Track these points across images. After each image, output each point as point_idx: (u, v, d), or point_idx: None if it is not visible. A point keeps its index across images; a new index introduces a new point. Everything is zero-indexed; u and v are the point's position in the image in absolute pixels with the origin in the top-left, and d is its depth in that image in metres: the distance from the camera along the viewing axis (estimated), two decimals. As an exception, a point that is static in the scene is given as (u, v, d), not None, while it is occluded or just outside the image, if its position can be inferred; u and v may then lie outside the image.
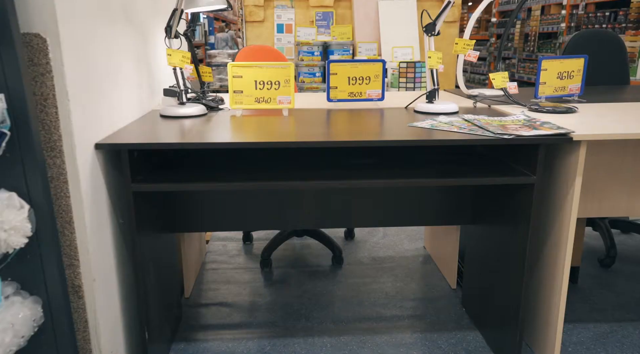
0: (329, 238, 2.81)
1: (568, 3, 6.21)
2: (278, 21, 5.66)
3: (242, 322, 2.20)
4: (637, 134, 1.59)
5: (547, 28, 6.68)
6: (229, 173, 1.68)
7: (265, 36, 5.61)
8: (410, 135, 1.57)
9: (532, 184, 1.60)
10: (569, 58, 2.21)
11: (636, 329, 2.10)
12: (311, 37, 5.34)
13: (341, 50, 5.29)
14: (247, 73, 1.96)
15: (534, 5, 7.19)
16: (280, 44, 5.60)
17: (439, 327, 2.15)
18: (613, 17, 5.29)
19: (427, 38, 1.99)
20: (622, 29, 5.12)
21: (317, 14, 5.49)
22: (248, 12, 5.63)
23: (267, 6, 5.58)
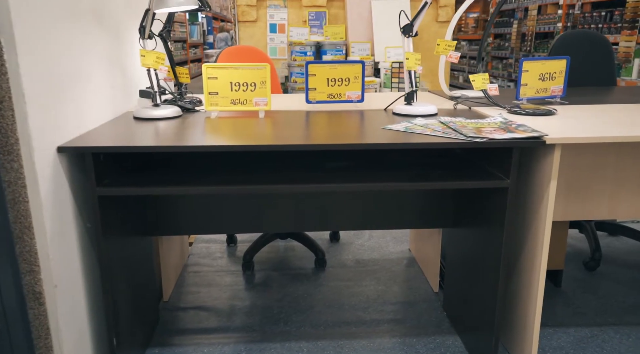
0: (311, 241, 2.78)
1: (564, 3, 6.19)
2: (271, 21, 5.63)
3: (220, 326, 2.17)
4: (610, 137, 1.56)
5: (543, 28, 6.66)
6: (203, 176, 1.66)
7: (258, 36, 5.58)
8: (381, 139, 1.55)
9: (505, 188, 1.58)
10: (550, 59, 2.19)
11: (617, 333, 2.08)
12: (304, 37, 5.31)
13: (334, 50, 5.26)
14: (222, 75, 1.94)
15: (531, 5, 7.17)
16: (273, 43, 5.57)
17: (418, 331, 2.13)
18: (609, 17, 5.27)
19: (405, 39, 1.96)
20: (617, 29, 5.10)
21: (310, 14, 5.47)
22: (240, 12, 5.60)
23: (260, 6, 5.55)
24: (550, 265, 2.44)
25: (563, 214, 2.20)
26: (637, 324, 2.14)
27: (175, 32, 9.52)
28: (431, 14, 5.19)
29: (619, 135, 1.56)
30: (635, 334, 2.06)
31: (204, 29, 12.89)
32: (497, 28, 8.55)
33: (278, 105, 2.24)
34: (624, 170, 2.14)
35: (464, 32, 11.35)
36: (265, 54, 3.02)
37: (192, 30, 11.58)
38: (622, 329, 2.11)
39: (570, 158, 2.13)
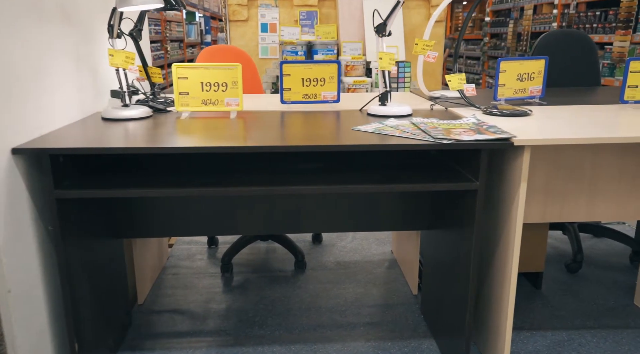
0: (291, 243, 2.75)
1: (559, 2, 6.18)
2: (262, 20, 5.60)
3: (193, 330, 2.14)
4: (580, 139, 1.54)
5: (539, 27, 6.65)
6: (171, 178, 1.63)
7: (249, 35, 5.55)
8: (348, 140, 1.52)
9: (475, 190, 1.55)
10: (528, 59, 2.17)
11: (594, 337, 2.05)
12: (295, 37, 5.28)
13: (325, 49, 5.24)
14: (192, 75, 1.91)
15: (527, 4, 7.16)
16: (265, 43, 5.55)
17: (394, 335, 2.10)
18: (603, 17, 5.25)
19: (378, 39, 1.94)
20: (612, 29, 5.09)
21: (301, 13, 5.44)
22: (231, 11, 5.57)
23: (251, 5, 5.52)
24: (530, 267, 2.42)
25: (541, 216, 2.17)
26: (615, 327, 2.12)
27: (172, 31, 9.47)
28: (423, 14, 5.18)
29: (589, 137, 1.54)
30: (612, 338, 2.04)
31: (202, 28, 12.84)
32: (494, 27, 8.53)
33: (253, 106, 2.21)
34: (601, 171, 2.12)
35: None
36: (246, 53, 2.99)
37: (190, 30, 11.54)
38: (600, 332, 2.08)
39: (548, 159, 2.10)
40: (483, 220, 1.92)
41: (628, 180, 2.14)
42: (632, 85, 1.99)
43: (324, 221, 2.14)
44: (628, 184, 2.14)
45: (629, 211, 2.18)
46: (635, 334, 2.06)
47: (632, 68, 1.97)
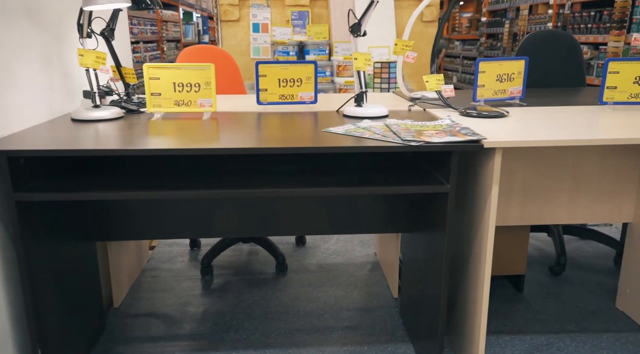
0: (272, 245, 2.72)
1: (555, 2, 6.16)
2: (254, 20, 5.58)
3: (168, 334, 2.11)
4: (551, 141, 1.51)
5: (534, 27, 6.64)
6: (141, 179, 1.60)
7: (241, 35, 5.53)
8: (316, 142, 1.49)
9: (446, 193, 1.52)
10: (508, 60, 2.14)
11: (573, 341, 2.02)
12: (287, 37, 5.25)
13: (317, 50, 5.21)
14: (164, 75, 1.88)
15: (522, 4, 7.14)
16: (257, 43, 5.52)
17: (371, 339, 2.07)
18: (598, 17, 5.23)
19: (353, 39, 1.91)
20: (606, 29, 5.07)
21: (293, 13, 5.41)
22: (223, 11, 5.54)
23: (243, 5, 5.49)
24: (511, 269, 2.39)
25: (521, 218, 2.15)
26: (595, 331, 2.09)
27: (169, 32, 9.45)
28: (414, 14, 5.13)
29: (560, 139, 1.51)
30: (592, 342, 2.01)
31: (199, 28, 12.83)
32: (490, 28, 8.51)
33: (230, 107, 2.18)
34: (582, 173, 2.10)
35: (457, 32, 11.32)
36: (228, 53, 2.96)
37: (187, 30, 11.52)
38: (580, 336, 2.06)
39: (528, 161, 2.08)
40: (458, 222, 1.90)
41: (609, 182, 2.11)
42: (610, 86, 1.96)
43: (302, 223, 2.11)
44: (609, 186, 2.12)
45: (610, 213, 2.16)
46: (614, 338, 2.04)
47: (610, 69, 1.94)
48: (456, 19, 11.60)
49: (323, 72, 4.95)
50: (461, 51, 9.98)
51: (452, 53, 10.60)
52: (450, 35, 11.61)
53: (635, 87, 1.95)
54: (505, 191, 2.09)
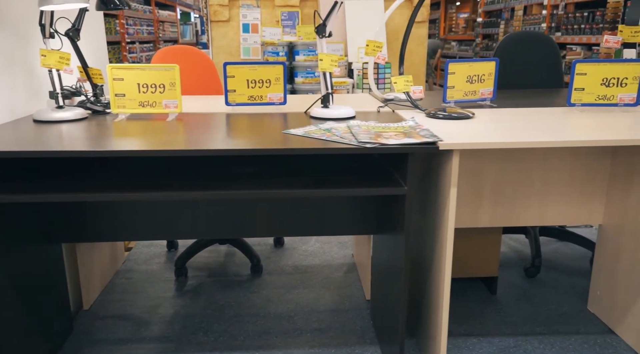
0: (247, 246, 2.71)
1: (549, 3, 6.16)
2: (244, 21, 5.56)
3: (135, 336, 2.10)
4: (508, 143, 1.49)
5: (529, 28, 6.65)
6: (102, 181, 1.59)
7: (231, 36, 5.51)
8: (271, 144, 1.48)
9: (404, 195, 1.51)
10: (478, 61, 2.13)
11: (541, 343, 2.02)
12: (277, 37, 5.24)
13: (307, 50, 5.20)
14: (128, 76, 1.86)
15: (517, 5, 7.15)
16: (247, 44, 5.50)
17: (339, 341, 2.06)
18: (591, 18, 5.24)
19: (319, 40, 1.90)
20: (599, 30, 5.06)
21: (283, 14, 5.40)
22: (213, 12, 5.52)
23: (232, 5, 5.48)
24: (484, 271, 2.38)
25: (491, 220, 2.14)
26: (565, 333, 2.09)
27: (166, 32, 9.45)
28: (406, 14, 5.15)
29: (517, 141, 1.50)
30: (560, 344, 2.00)
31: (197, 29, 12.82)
32: (485, 28, 8.51)
33: (199, 108, 2.17)
34: (552, 175, 2.09)
35: (454, 33, 11.32)
36: (205, 54, 2.95)
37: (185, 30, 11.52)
38: (548, 338, 2.05)
39: (497, 163, 2.07)
40: (422, 224, 1.89)
41: (579, 184, 2.11)
42: (578, 88, 1.96)
43: (273, 225, 2.10)
44: (579, 188, 2.11)
45: (580, 215, 2.15)
46: (583, 340, 2.03)
47: (578, 70, 1.94)
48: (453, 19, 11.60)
49: (312, 72, 4.95)
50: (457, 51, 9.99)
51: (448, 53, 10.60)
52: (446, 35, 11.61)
53: (603, 88, 1.94)
54: (476, 193, 2.08)
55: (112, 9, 2.11)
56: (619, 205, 2.04)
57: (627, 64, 1.91)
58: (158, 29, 8.97)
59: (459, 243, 2.32)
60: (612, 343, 2.01)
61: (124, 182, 1.58)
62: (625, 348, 1.97)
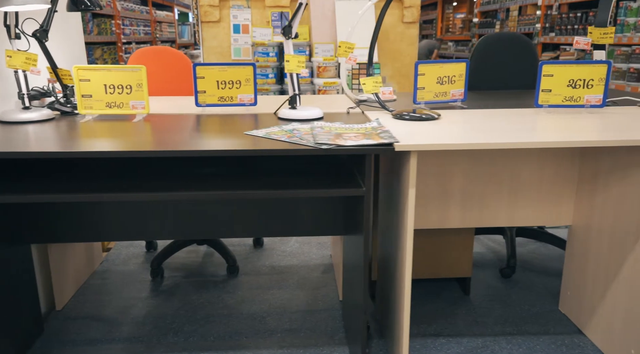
0: (223, 247, 2.71)
1: (543, 3, 6.17)
2: (234, 21, 5.56)
3: (105, 337, 2.10)
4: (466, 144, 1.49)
5: (524, 29, 6.66)
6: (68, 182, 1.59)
7: (222, 37, 5.51)
8: (230, 145, 1.48)
9: (362, 196, 1.52)
10: (448, 62, 2.14)
11: (509, 343, 2.02)
12: (267, 38, 5.24)
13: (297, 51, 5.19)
14: (94, 77, 1.87)
15: (512, 5, 7.15)
16: (237, 44, 5.50)
17: (309, 342, 2.07)
18: (584, 18, 5.24)
19: (285, 41, 1.90)
20: None
21: (273, 15, 5.39)
22: (203, 12, 5.52)
23: (223, 6, 5.47)
24: (457, 272, 2.39)
25: (461, 221, 2.15)
26: (534, 333, 2.09)
27: (163, 32, 9.45)
28: (397, 15, 5.16)
29: (476, 142, 1.50)
30: (527, 344, 2.01)
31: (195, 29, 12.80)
32: (481, 29, 8.51)
33: (169, 108, 2.17)
34: (521, 176, 2.10)
35: (451, 33, 11.32)
36: (184, 55, 2.95)
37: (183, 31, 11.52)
38: (517, 339, 2.05)
39: (465, 165, 2.08)
40: (387, 224, 1.90)
41: (548, 185, 2.12)
42: (545, 89, 1.96)
43: (242, 226, 2.10)
44: (548, 189, 2.12)
45: (550, 216, 2.16)
46: (551, 340, 2.04)
47: (544, 72, 1.94)
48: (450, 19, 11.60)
49: (306, 73, 4.96)
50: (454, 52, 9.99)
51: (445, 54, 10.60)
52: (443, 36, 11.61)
53: (570, 90, 1.95)
54: (445, 194, 2.09)
55: (83, 10, 2.11)
56: (587, 206, 2.04)
57: (592, 66, 1.91)
58: (155, 30, 8.97)
59: (432, 244, 2.33)
60: (579, 344, 2.01)
61: (88, 183, 1.59)
62: (592, 349, 1.98)
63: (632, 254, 1.77)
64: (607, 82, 1.92)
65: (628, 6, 4.54)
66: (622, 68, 4.58)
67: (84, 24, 5.82)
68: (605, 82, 1.92)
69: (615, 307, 1.87)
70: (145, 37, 8.22)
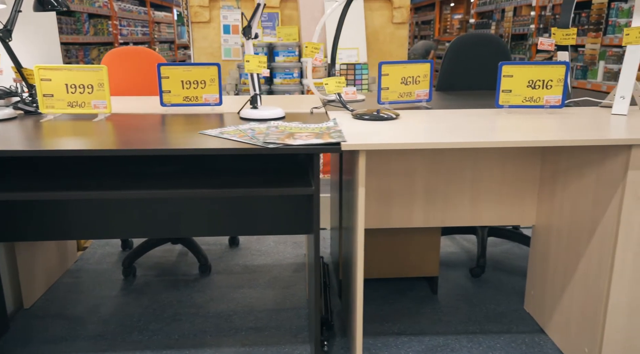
0: (195, 246, 2.73)
1: (537, 4, 6.18)
2: (224, 22, 5.57)
3: (70, 335, 2.11)
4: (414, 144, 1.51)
5: (518, 29, 6.68)
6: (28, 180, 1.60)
7: (212, 37, 5.52)
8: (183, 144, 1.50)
9: (310, 195, 1.53)
10: (412, 63, 2.15)
11: (470, 342, 2.04)
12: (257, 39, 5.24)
13: (286, 51, 5.21)
14: (56, 76, 1.88)
15: (507, 6, 7.17)
16: (227, 45, 5.51)
17: (272, 340, 2.08)
18: (577, 19, 5.25)
19: (245, 41, 1.92)
20: (584, 31, 5.07)
21: (263, 15, 5.41)
22: (193, 13, 5.54)
23: (213, 7, 5.49)
24: (425, 271, 2.40)
25: (424, 220, 2.16)
26: (496, 332, 2.11)
27: (162, 33, 9.47)
28: (386, 16, 5.17)
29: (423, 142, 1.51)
30: (487, 343, 2.02)
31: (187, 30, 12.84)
32: (478, 29, 8.52)
33: (133, 108, 2.19)
34: (483, 176, 2.11)
35: (448, 34, 11.33)
36: (158, 55, 2.96)
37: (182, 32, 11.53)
38: (478, 337, 2.07)
39: (428, 164, 2.09)
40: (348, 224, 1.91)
41: (510, 185, 2.13)
42: (505, 90, 1.98)
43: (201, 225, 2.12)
44: (511, 189, 2.13)
45: (513, 215, 2.17)
46: (511, 339, 2.05)
47: (504, 72, 1.96)
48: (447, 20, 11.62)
49: (291, 73, 4.97)
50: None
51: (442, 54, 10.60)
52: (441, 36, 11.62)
53: (529, 90, 1.96)
54: (409, 193, 2.10)
55: (50, 9, 2.13)
56: (548, 205, 2.06)
57: (551, 67, 1.93)
58: (153, 30, 8.99)
59: (399, 243, 2.34)
60: (539, 342, 2.03)
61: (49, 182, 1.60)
62: (552, 348, 1.99)
63: (586, 252, 1.78)
64: (565, 82, 1.93)
65: (619, 7, 4.56)
66: (614, 70, 4.60)
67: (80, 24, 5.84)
68: (564, 82, 1.93)
69: (572, 306, 1.88)
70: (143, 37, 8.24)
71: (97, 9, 6.16)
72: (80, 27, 5.85)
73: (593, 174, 1.74)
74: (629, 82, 1.87)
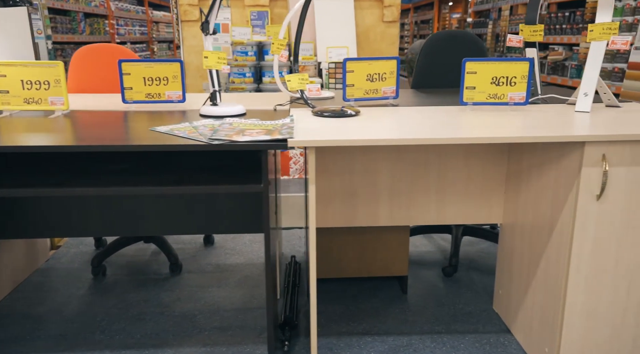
0: (166, 244, 2.70)
1: None
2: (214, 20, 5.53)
3: (31, 335, 2.09)
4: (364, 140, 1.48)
5: (515, 28, 6.66)
6: None
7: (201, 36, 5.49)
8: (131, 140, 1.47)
9: (260, 192, 1.51)
10: (377, 59, 2.13)
11: (434, 342, 2.01)
12: (246, 37, 5.23)
13: (277, 50, 5.18)
14: (11, 73, 1.86)
15: (504, 5, 7.15)
16: (217, 43, 5.49)
17: (235, 340, 2.05)
18: (572, 18, 5.22)
19: (204, 37, 1.89)
20: (579, 30, 5.04)
21: (252, 14, 5.39)
22: (183, 11, 5.51)
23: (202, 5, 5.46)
24: (394, 270, 2.38)
25: (390, 219, 2.14)
26: (462, 332, 2.08)
27: (160, 32, 9.45)
28: (377, 14, 5.15)
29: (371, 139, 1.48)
30: (451, 343, 2.00)
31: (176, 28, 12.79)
32: (475, 28, 8.50)
33: (95, 106, 2.16)
34: (448, 174, 2.09)
35: None
36: (131, 52, 2.93)
37: None
38: (442, 337, 2.04)
39: (391, 162, 2.07)
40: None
41: (476, 183, 2.10)
42: (469, 87, 1.95)
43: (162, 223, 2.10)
44: (477, 187, 2.11)
45: (479, 214, 2.15)
46: (476, 339, 2.03)
47: (468, 69, 1.93)
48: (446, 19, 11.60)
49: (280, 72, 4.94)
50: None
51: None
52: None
53: (493, 87, 1.94)
54: (373, 191, 2.08)
55: (11, 5, 2.11)
56: (513, 203, 2.03)
57: (515, 63, 1.90)
58: (152, 30, 8.96)
59: (366, 242, 2.32)
60: (503, 342, 2.00)
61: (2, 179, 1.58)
62: (516, 347, 1.97)
63: (545, 251, 1.76)
64: (529, 79, 1.91)
65: (614, 5, 4.53)
66: (607, 68, 4.57)
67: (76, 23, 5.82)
68: (528, 79, 1.91)
69: (534, 305, 1.86)
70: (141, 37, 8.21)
71: (93, 8, 6.14)
72: (75, 27, 5.82)
73: (552, 172, 1.71)
74: (592, 79, 1.84)
